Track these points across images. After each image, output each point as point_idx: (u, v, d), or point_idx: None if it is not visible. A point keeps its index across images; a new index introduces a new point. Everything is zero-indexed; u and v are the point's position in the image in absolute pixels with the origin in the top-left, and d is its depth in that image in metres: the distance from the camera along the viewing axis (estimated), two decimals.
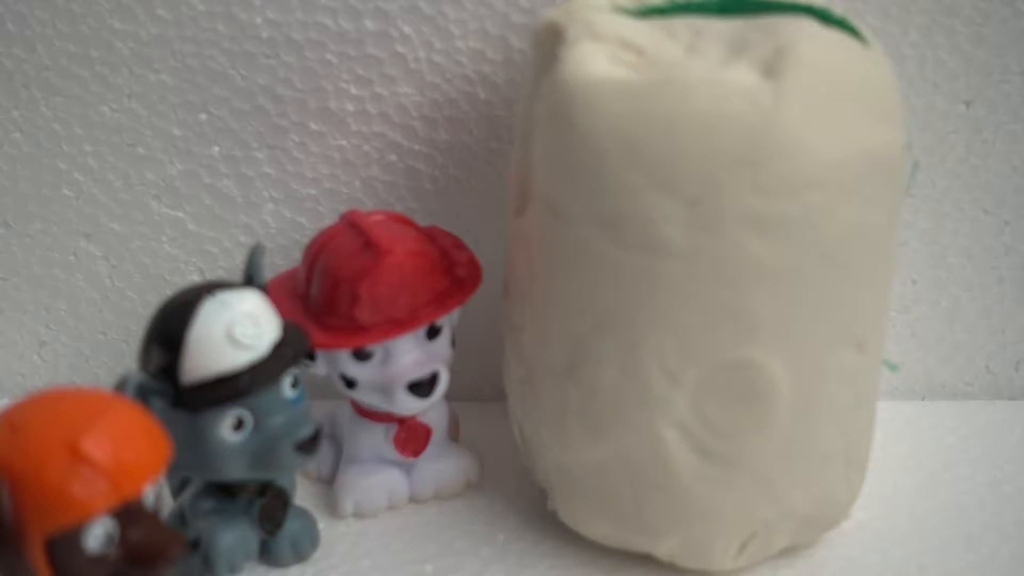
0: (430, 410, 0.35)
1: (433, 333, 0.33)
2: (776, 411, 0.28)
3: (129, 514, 0.25)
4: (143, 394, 0.28)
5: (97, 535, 0.24)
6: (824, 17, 0.28)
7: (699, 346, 0.28)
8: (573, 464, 0.31)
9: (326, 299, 0.33)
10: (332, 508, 0.35)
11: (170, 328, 0.29)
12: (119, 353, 0.42)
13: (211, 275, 0.41)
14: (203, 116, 0.39)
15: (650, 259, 0.27)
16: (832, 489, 0.30)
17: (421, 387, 0.33)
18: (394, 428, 0.34)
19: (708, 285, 0.27)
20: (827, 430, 0.29)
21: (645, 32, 0.28)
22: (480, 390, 0.39)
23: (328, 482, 0.36)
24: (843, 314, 0.28)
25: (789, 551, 0.32)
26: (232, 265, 0.40)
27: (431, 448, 0.35)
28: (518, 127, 0.31)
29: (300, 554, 0.33)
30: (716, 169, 0.26)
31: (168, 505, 0.32)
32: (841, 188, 0.27)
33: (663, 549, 0.31)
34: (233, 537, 0.31)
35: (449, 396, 0.35)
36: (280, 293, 0.33)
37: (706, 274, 0.27)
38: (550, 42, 0.29)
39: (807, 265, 0.27)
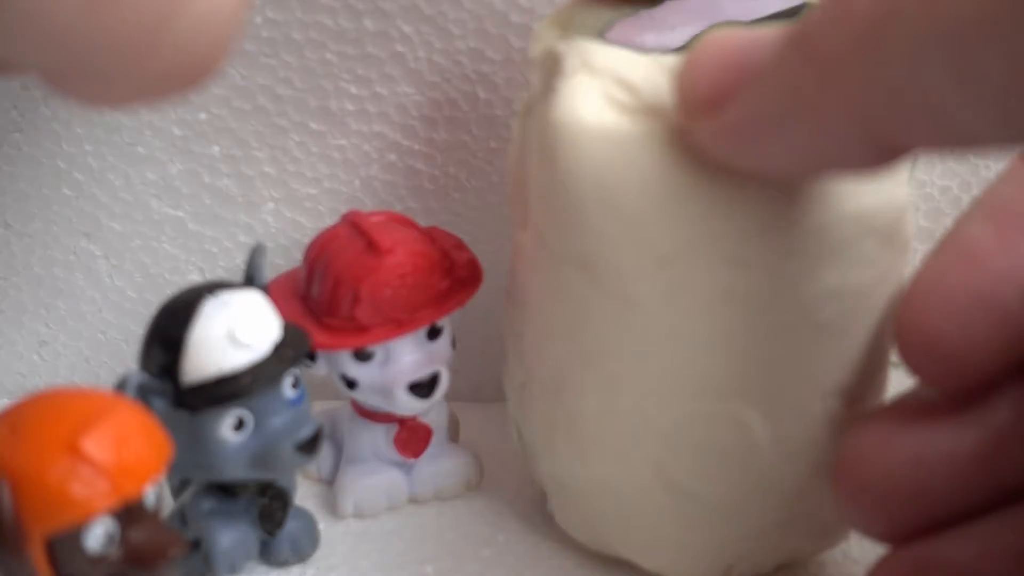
0: (430, 411, 0.35)
1: (434, 334, 0.34)
2: (755, 459, 0.28)
3: (130, 514, 0.25)
4: (144, 394, 0.28)
5: (97, 535, 0.24)
6: None
7: (672, 395, 0.28)
8: (563, 477, 0.31)
9: (327, 299, 0.33)
10: (332, 508, 0.35)
11: (170, 328, 0.29)
12: (119, 353, 0.42)
13: (211, 275, 0.41)
14: (203, 115, 0.38)
15: (623, 308, 0.27)
16: (822, 523, 0.30)
17: (422, 388, 0.33)
18: (394, 428, 0.35)
19: (679, 342, 0.27)
20: (813, 472, 0.29)
21: (640, 67, 0.27)
22: (480, 391, 0.39)
23: (328, 482, 0.36)
24: (827, 369, 0.28)
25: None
26: (232, 265, 0.40)
27: (431, 449, 0.35)
28: (519, 140, 0.31)
29: (300, 554, 0.33)
30: (690, 232, 0.26)
31: (168, 505, 0.32)
32: (821, 254, 0.26)
33: (649, 565, 0.31)
34: (233, 537, 0.31)
35: (449, 397, 0.35)
36: (281, 293, 0.33)
37: (677, 332, 0.27)
38: (548, 69, 0.29)
39: (783, 329, 0.27)
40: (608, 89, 0.26)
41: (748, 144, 0.23)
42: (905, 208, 0.27)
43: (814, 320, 0.27)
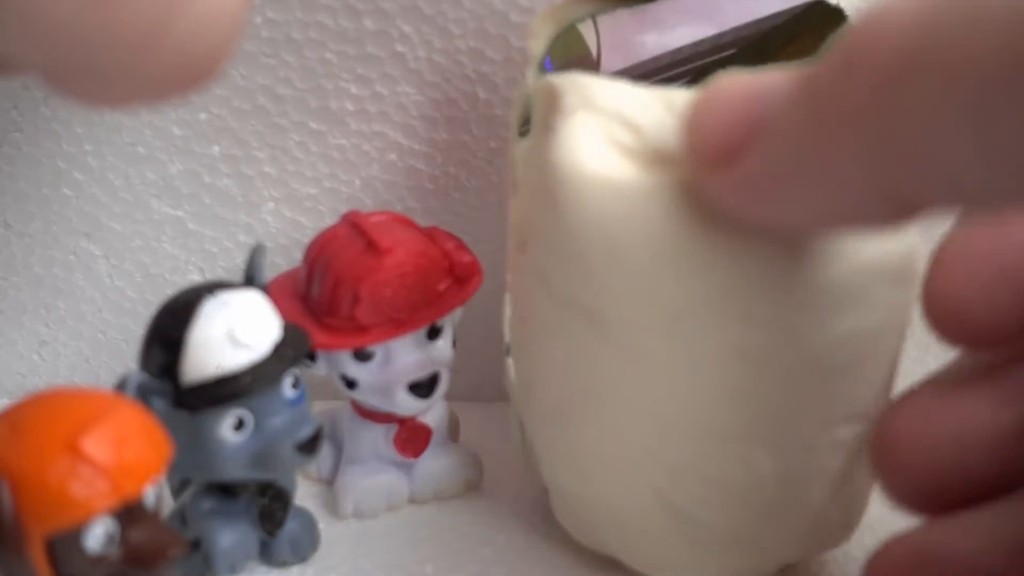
0: (430, 411, 0.35)
1: (434, 334, 0.34)
2: (758, 488, 0.28)
3: (130, 514, 0.25)
4: (144, 394, 0.28)
5: (97, 535, 0.24)
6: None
7: (676, 436, 0.27)
8: (563, 486, 0.31)
9: (327, 299, 0.33)
10: (332, 508, 0.35)
11: (170, 328, 0.29)
12: (119, 353, 0.42)
13: (211, 275, 0.41)
14: (203, 115, 0.39)
15: (629, 355, 0.26)
16: (824, 532, 0.30)
17: (421, 388, 0.33)
18: (394, 428, 0.35)
19: (686, 389, 0.26)
20: (819, 492, 0.28)
21: (642, 104, 0.25)
22: (480, 391, 0.39)
23: (328, 482, 0.36)
24: (837, 406, 0.27)
25: None
26: (232, 265, 0.40)
27: (431, 449, 0.35)
28: (513, 152, 0.30)
29: (300, 554, 0.33)
30: (699, 288, 0.25)
31: (168, 505, 0.32)
32: (833, 304, 0.25)
33: (653, 572, 0.31)
34: (233, 537, 0.31)
35: (449, 397, 0.35)
36: (280, 293, 0.33)
37: (684, 380, 0.26)
38: (546, 104, 0.27)
39: (794, 377, 0.26)
40: (610, 130, 0.25)
41: (761, 199, 0.22)
42: (916, 247, 0.27)
43: (825, 365, 0.26)
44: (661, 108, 0.25)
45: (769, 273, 0.25)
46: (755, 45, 0.33)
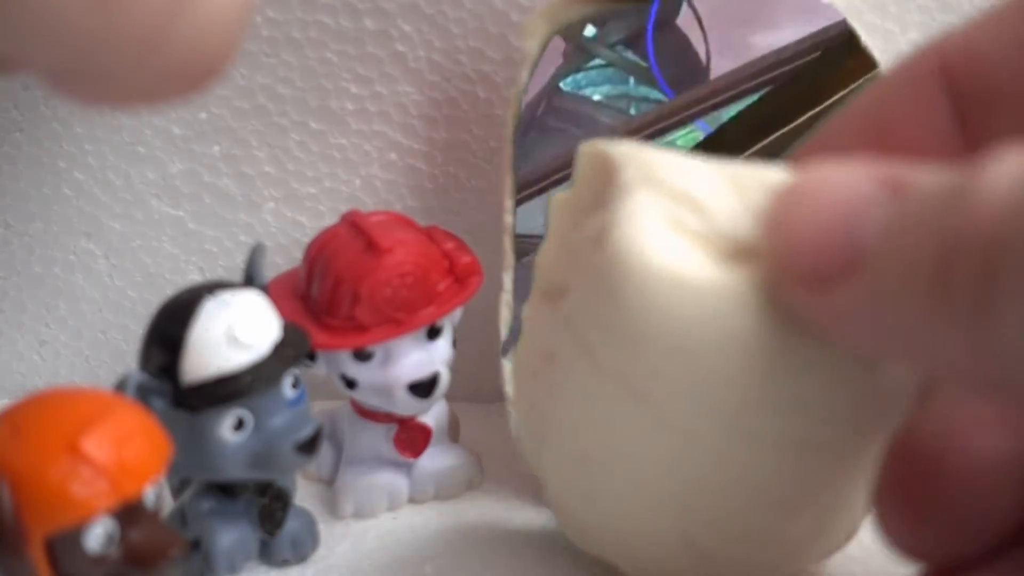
0: (430, 411, 0.35)
1: (434, 334, 0.34)
2: (789, 538, 0.27)
3: (130, 514, 0.25)
4: (143, 394, 0.28)
5: (97, 535, 0.24)
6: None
7: (711, 498, 0.26)
8: (573, 506, 0.30)
9: (327, 299, 0.33)
10: (332, 508, 0.35)
11: (170, 328, 0.29)
12: (119, 353, 0.42)
13: (211, 274, 0.41)
14: (203, 115, 0.39)
15: (674, 434, 0.25)
16: (833, 549, 0.30)
17: (421, 388, 0.33)
18: (394, 428, 0.34)
19: (734, 469, 0.25)
20: (839, 528, 0.28)
21: (708, 181, 0.24)
22: (480, 391, 0.39)
23: (328, 482, 0.36)
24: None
25: None
26: (232, 264, 0.40)
27: (431, 449, 0.35)
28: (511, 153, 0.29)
29: (300, 554, 0.33)
30: (767, 389, 0.23)
31: (168, 505, 0.32)
32: (903, 405, 0.24)
33: None
34: (233, 537, 0.31)
35: (449, 397, 0.35)
36: (280, 293, 0.33)
37: (735, 463, 0.25)
38: (601, 177, 0.26)
39: (854, 459, 0.25)
40: (674, 212, 0.24)
41: (850, 326, 0.21)
42: None
43: (863, 467, 0.26)
44: (727, 187, 0.24)
45: (844, 377, 0.24)
46: (842, 44, 0.33)
